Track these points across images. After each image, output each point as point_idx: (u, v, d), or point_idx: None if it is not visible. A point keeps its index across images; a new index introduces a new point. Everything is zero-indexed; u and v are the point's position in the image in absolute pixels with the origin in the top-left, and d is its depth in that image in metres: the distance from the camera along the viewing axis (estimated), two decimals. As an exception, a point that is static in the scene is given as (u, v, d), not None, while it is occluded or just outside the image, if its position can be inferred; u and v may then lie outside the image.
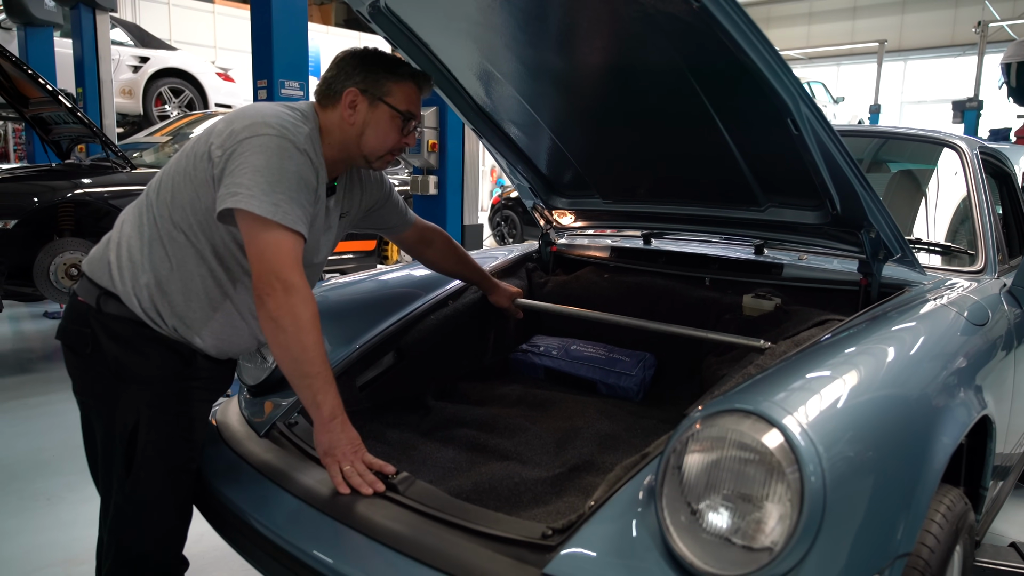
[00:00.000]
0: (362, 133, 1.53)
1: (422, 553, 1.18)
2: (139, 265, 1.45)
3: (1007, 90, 9.16)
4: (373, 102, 1.53)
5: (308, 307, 1.37)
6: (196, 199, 1.43)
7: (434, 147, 4.18)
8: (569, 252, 2.56)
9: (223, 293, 1.49)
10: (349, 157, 1.57)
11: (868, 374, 1.24)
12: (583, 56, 1.72)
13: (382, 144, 1.56)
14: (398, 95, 1.55)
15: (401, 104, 1.55)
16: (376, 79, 1.53)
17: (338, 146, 1.54)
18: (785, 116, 1.43)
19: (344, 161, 1.59)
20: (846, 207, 1.68)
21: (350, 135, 1.54)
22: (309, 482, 1.41)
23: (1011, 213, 2.73)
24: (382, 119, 1.54)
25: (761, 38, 1.31)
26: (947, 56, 17.66)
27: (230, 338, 1.53)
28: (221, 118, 1.50)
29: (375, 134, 1.54)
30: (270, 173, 1.36)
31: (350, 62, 1.55)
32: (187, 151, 1.49)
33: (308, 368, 1.36)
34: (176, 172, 1.47)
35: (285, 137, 1.40)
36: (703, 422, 1.05)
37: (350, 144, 1.54)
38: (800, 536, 0.95)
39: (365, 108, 1.53)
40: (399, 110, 1.55)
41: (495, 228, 9.96)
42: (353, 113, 1.52)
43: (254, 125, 1.40)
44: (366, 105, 1.53)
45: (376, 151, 1.57)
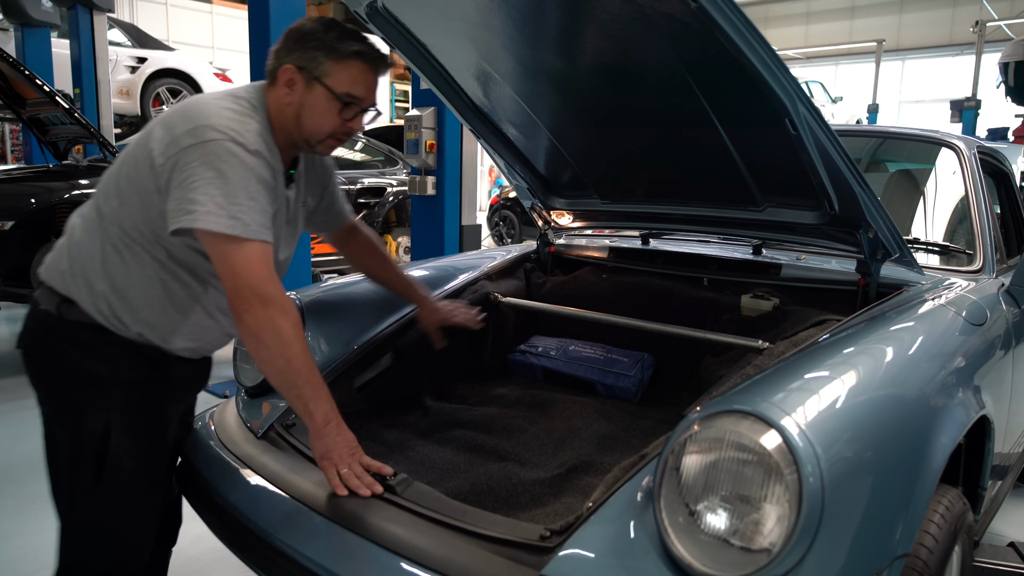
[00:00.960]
0: (298, 115, 1.41)
1: (420, 555, 1.17)
2: (93, 272, 1.39)
3: (1005, 89, 9.16)
4: (309, 82, 1.39)
5: (288, 318, 1.32)
6: (145, 208, 1.35)
7: (432, 147, 4.17)
8: (567, 252, 2.56)
9: (191, 296, 1.43)
10: (292, 138, 1.45)
11: (866, 374, 1.23)
12: (581, 56, 1.72)
13: (319, 128, 1.43)
14: (338, 76, 1.39)
15: (340, 86, 1.40)
16: (314, 57, 1.39)
17: (281, 127, 1.43)
18: (783, 116, 1.43)
19: (294, 146, 1.48)
20: (844, 207, 1.68)
21: (287, 116, 1.42)
22: (307, 484, 1.40)
23: (1009, 212, 2.73)
24: (318, 101, 1.40)
25: (759, 38, 1.31)
26: (945, 56, 17.68)
27: (203, 338, 1.49)
28: (159, 119, 1.38)
29: (311, 117, 1.41)
30: (223, 184, 1.27)
31: (293, 36, 1.42)
32: (128, 156, 1.39)
33: (296, 379, 1.33)
34: (120, 178, 1.39)
35: (234, 140, 1.30)
36: (701, 423, 1.05)
37: (289, 127, 1.43)
38: (798, 537, 0.95)
39: (301, 88, 1.40)
40: (335, 93, 1.40)
41: (493, 228, 9.96)
42: (290, 93, 1.40)
43: (197, 130, 1.29)
44: (302, 85, 1.40)
45: (315, 135, 1.44)
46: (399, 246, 6.54)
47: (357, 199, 6.20)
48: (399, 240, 6.54)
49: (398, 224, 6.64)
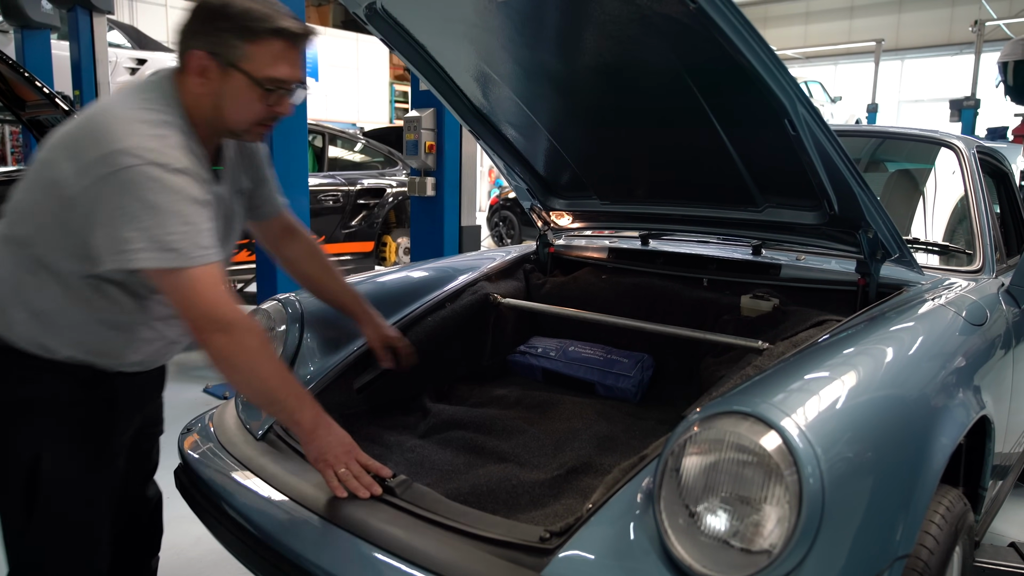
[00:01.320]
0: (217, 106, 1.26)
1: (419, 557, 1.17)
2: (7, 300, 1.28)
3: (1004, 88, 9.15)
4: (225, 68, 1.23)
5: (254, 336, 1.25)
6: (66, 237, 1.22)
7: (431, 148, 4.17)
8: (567, 253, 2.56)
9: (124, 312, 1.31)
10: (215, 129, 1.31)
11: (866, 375, 1.23)
12: (580, 57, 1.72)
13: (243, 118, 1.29)
14: (257, 59, 1.23)
15: (260, 70, 1.24)
16: (226, 40, 1.22)
17: (202, 123, 1.28)
18: (782, 117, 1.43)
19: (216, 135, 1.34)
20: (844, 207, 1.68)
21: (205, 107, 1.26)
22: (306, 486, 1.40)
23: (1009, 212, 2.73)
24: (238, 90, 1.24)
25: (758, 39, 1.31)
26: (944, 55, 17.67)
27: (145, 350, 1.38)
28: (59, 137, 1.24)
29: (232, 107, 1.26)
30: (151, 215, 1.14)
31: (200, 15, 1.24)
32: (34, 181, 1.26)
33: (275, 394, 1.29)
34: (32, 203, 1.26)
35: (154, 163, 1.15)
36: (701, 424, 1.05)
37: (209, 118, 1.28)
38: (799, 538, 0.95)
39: (217, 76, 1.24)
40: (256, 79, 1.24)
41: (493, 229, 9.96)
42: (205, 82, 1.24)
43: (110, 156, 1.14)
44: (217, 72, 1.24)
45: (239, 125, 1.31)
46: (399, 247, 6.54)
47: (357, 200, 6.20)
48: (399, 241, 6.55)
49: (398, 225, 6.64)
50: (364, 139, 7.04)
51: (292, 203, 3.73)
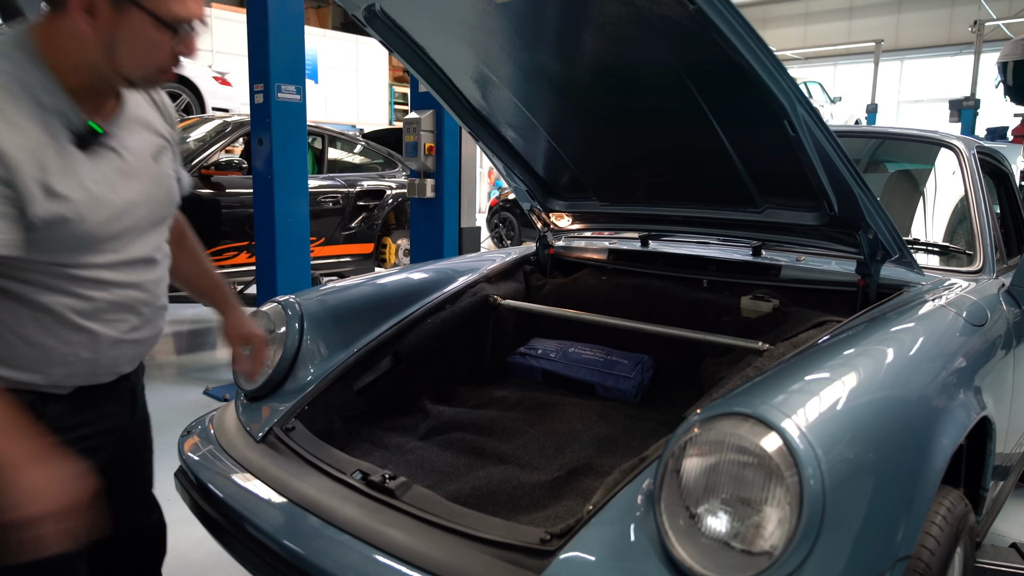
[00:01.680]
0: (110, 48, 1.06)
1: (419, 559, 1.17)
2: None
3: (1004, 89, 9.16)
4: (119, 6, 1.03)
5: None
6: None
7: (431, 150, 4.17)
8: (567, 254, 2.56)
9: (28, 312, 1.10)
10: (102, 81, 1.10)
11: (867, 376, 1.23)
12: (579, 59, 1.72)
13: (144, 63, 1.09)
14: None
15: (164, 7, 1.05)
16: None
17: (82, 70, 1.07)
18: (782, 118, 1.43)
19: (102, 87, 1.12)
20: (844, 208, 1.68)
21: (91, 50, 1.05)
22: (306, 488, 1.40)
23: (1009, 212, 2.73)
24: (139, 31, 1.05)
25: (757, 40, 1.31)
26: (944, 55, 17.68)
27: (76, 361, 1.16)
28: None
29: (130, 51, 1.07)
30: None
31: None
32: None
33: None
34: None
35: None
36: (701, 426, 1.05)
37: (96, 63, 1.07)
38: (799, 540, 0.94)
39: (108, 16, 1.03)
40: (163, 19, 1.05)
41: (493, 230, 9.96)
42: (93, 21, 1.03)
43: None
44: (109, 11, 1.03)
45: (138, 71, 1.10)
46: (399, 249, 6.54)
47: (356, 202, 6.20)
48: (399, 243, 6.55)
49: (397, 227, 6.64)
50: (364, 141, 7.05)
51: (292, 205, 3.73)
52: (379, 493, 1.34)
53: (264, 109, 3.72)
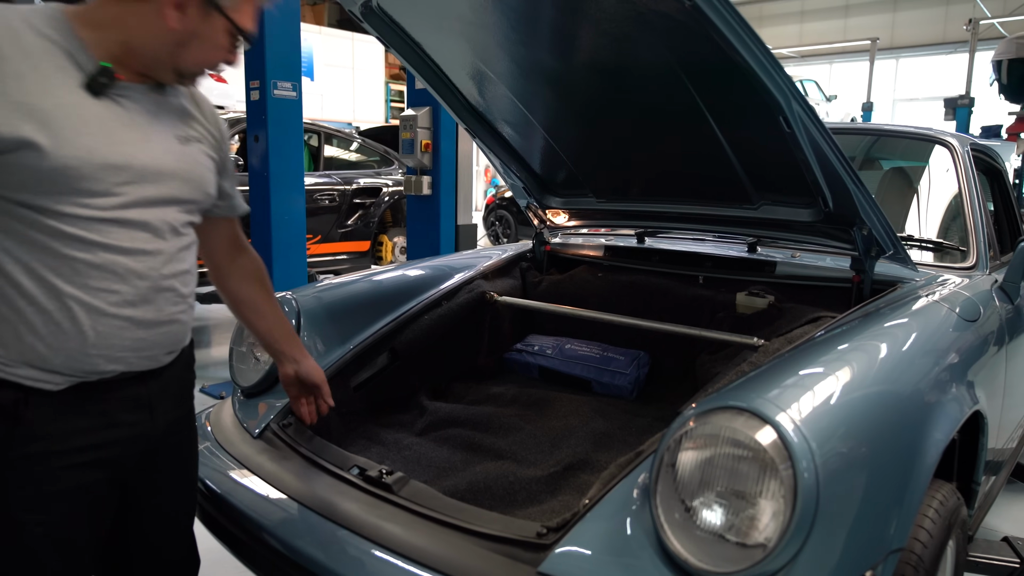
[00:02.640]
0: (184, 43, 1.14)
1: (417, 553, 1.18)
2: None
3: (998, 87, 9.19)
4: (209, 10, 1.14)
5: None
6: None
7: (428, 147, 4.17)
8: (563, 251, 2.57)
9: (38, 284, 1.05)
10: (152, 64, 1.16)
11: (861, 371, 1.24)
12: (576, 55, 1.73)
13: (205, 61, 1.19)
14: (242, 10, 1.18)
15: (244, 20, 1.19)
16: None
17: (137, 48, 1.12)
18: (777, 114, 1.43)
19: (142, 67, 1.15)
20: (838, 204, 1.69)
21: (165, 41, 1.13)
22: (303, 483, 1.41)
23: (1002, 209, 2.74)
24: (216, 33, 1.17)
25: (753, 37, 1.31)
26: (939, 54, 17.72)
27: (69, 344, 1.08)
28: None
29: (201, 50, 1.17)
30: None
31: None
32: None
33: None
34: None
35: None
36: (697, 419, 1.06)
37: (159, 51, 1.13)
38: (794, 532, 0.95)
39: (197, 15, 1.13)
40: (240, 28, 1.18)
41: (489, 228, 9.96)
42: (181, 17, 1.12)
43: None
44: (199, 11, 1.13)
45: (196, 67, 1.20)
46: (395, 246, 6.54)
47: (353, 199, 6.20)
48: (395, 240, 6.55)
49: (394, 224, 6.64)
50: (360, 138, 7.04)
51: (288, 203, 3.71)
52: (376, 488, 1.35)
53: (260, 106, 3.71)
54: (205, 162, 1.26)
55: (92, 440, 1.12)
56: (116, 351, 1.12)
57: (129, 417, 1.17)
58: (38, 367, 1.07)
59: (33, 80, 1.02)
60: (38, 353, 1.06)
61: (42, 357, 1.07)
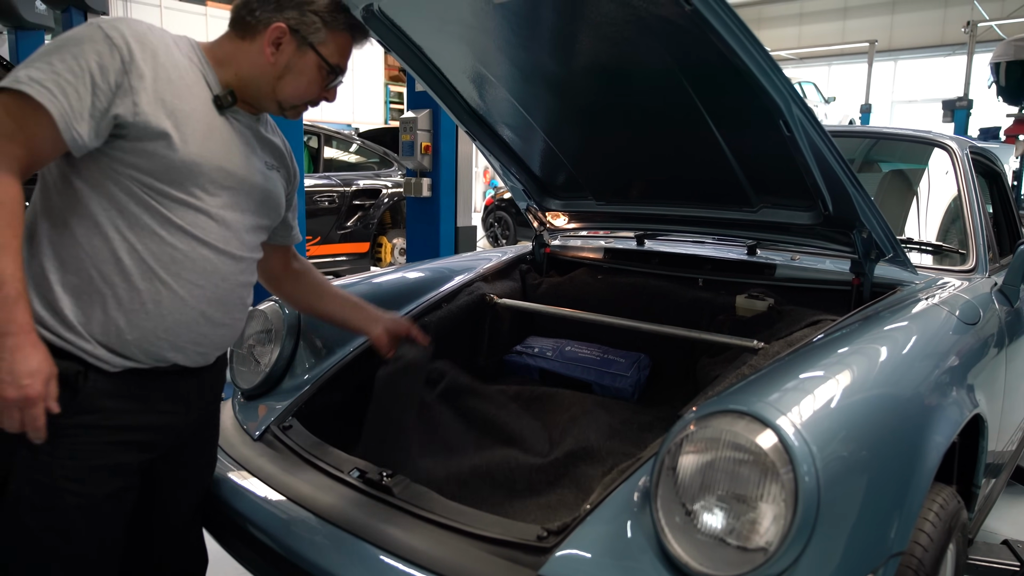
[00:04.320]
0: (281, 77, 1.31)
1: (417, 556, 1.18)
2: None
3: (996, 89, 9.21)
4: (302, 46, 1.30)
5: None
6: None
7: (427, 149, 4.17)
8: (563, 254, 2.57)
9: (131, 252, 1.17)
10: (258, 96, 1.33)
11: (861, 374, 1.24)
12: (576, 58, 1.73)
13: (301, 94, 1.35)
14: (331, 45, 1.33)
15: (333, 56, 1.34)
16: (312, 22, 1.30)
17: (247, 80, 1.29)
18: (777, 118, 1.44)
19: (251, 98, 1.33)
20: (838, 207, 1.69)
21: (266, 75, 1.30)
22: (304, 486, 1.41)
23: (1001, 212, 2.75)
24: (308, 67, 1.32)
25: (753, 40, 1.31)
26: (937, 56, 17.76)
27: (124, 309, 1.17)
28: None
29: (296, 82, 1.32)
30: None
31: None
32: None
33: None
34: None
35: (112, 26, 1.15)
36: (697, 423, 1.06)
37: (262, 84, 1.30)
38: (794, 536, 0.95)
39: (291, 51, 1.29)
40: (329, 63, 1.33)
41: (488, 229, 9.96)
42: (276, 52, 1.29)
43: None
44: (293, 47, 1.29)
45: (293, 100, 1.35)
46: (394, 248, 6.54)
47: (352, 201, 6.21)
48: (394, 242, 6.55)
49: (393, 226, 6.65)
50: (359, 140, 7.05)
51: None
52: (377, 491, 1.35)
53: (260, 108, 3.71)
54: (280, 191, 1.43)
55: (134, 422, 1.22)
56: (181, 341, 1.23)
57: (168, 407, 1.28)
58: (106, 344, 1.16)
59: (178, 87, 1.19)
60: (117, 328, 1.16)
61: (118, 332, 1.16)
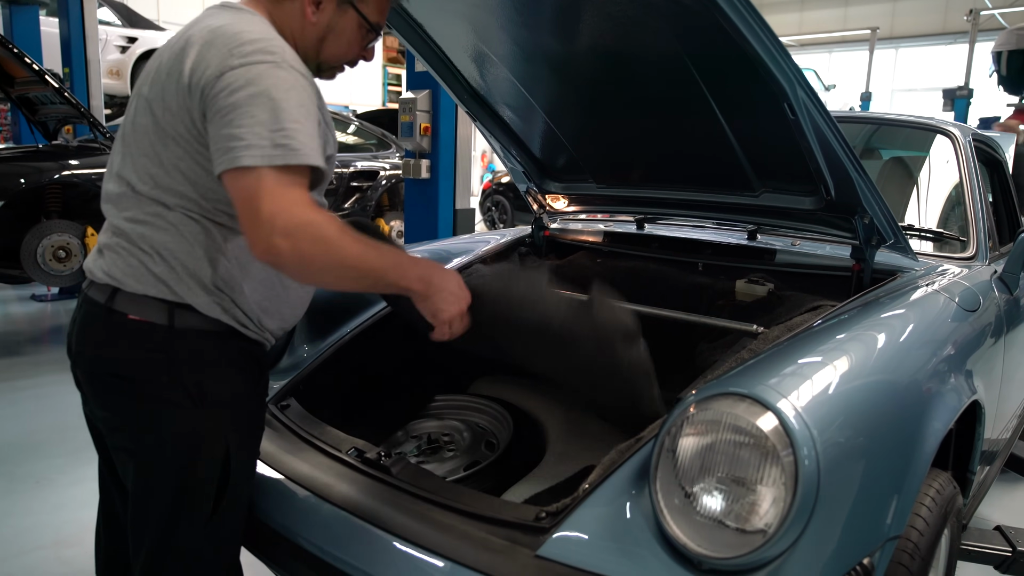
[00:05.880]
0: (323, 38, 1.30)
1: (415, 536, 1.18)
2: (206, 270, 1.19)
3: (997, 78, 9.16)
4: (342, 5, 1.29)
5: None
6: None
7: (427, 130, 4.15)
8: (562, 237, 2.55)
9: None
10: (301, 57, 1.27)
11: (861, 359, 1.24)
12: (579, 39, 1.71)
13: (342, 54, 1.34)
14: (372, 4, 1.32)
15: (373, 14, 1.33)
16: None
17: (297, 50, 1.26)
18: (782, 100, 1.42)
19: None
20: (840, 192, 1.68)
21: (308, 36, 1.29)
22: (301, 465, 1.41)
23: (1001, 200, 2.74)
24: (349, 26, 1.31)
25: (760, 21, 1.30)
26: (938, 44, 17.68)
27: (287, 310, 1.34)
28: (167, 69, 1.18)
29: (337, 42, 1.31)
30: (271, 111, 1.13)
31: None
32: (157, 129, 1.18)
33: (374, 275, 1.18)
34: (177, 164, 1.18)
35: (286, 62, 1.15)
36: (698, 405, 1.06)
37: (306, 45, 1.29)
38: (793, 519, 0.96)
39: (332, 10, 1.28)
40: (370, 21, 1.32)
41: (485, 213, 9.93)
42: (316, 12, 1.27)
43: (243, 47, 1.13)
44: (333, 6, 1.28)
45: (334, 60, 1.34)
46: (392, 230, 6.51)
47: (350, 182, 6.17)
48: (392, 224, 6.52)
49: (391, 208, 6.61)
50: (357, 121, 7.00)
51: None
52: (374, 470, 1.35)
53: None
54: None
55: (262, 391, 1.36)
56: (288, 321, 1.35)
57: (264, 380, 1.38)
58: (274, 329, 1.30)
59: None
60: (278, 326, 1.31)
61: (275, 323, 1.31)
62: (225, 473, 1.23)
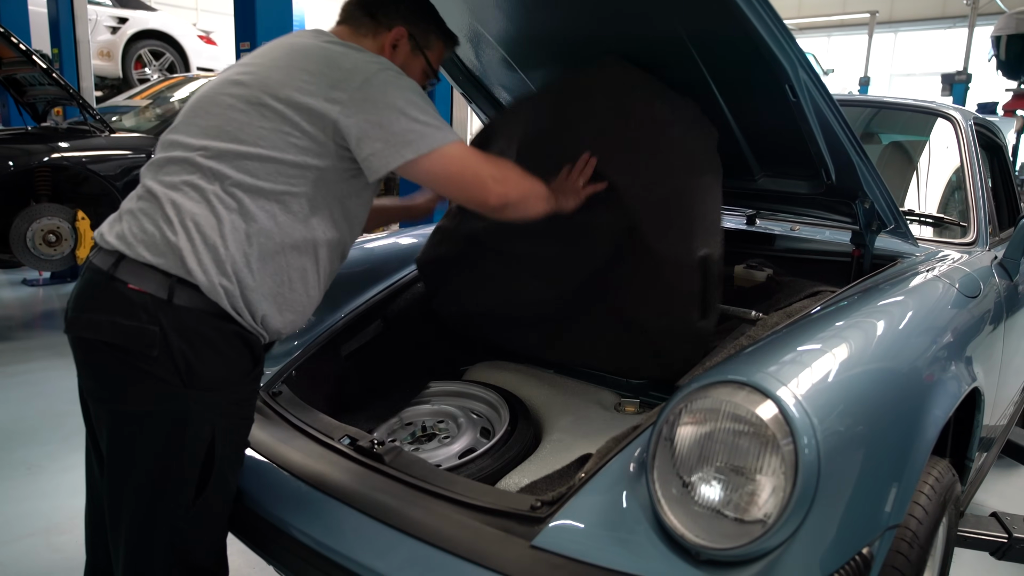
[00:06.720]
0: None
1: (409, 525, 1.16)
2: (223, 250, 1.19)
3: (996, 63, 9.13)
4: (415, 50, 1.43)
5: None
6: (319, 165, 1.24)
7: (421, 113, 4.11)
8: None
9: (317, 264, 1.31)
10: None
11: (861, 346, 1.22)
12: (577, 20, 1.67)
13: None
14: (436, 52, 1.48)
15: (436, 63, 1.48)
16: (426, 28, 1.44)
17: None
18: (783, 82, 1.39)
19: None
20: (841, 177, 1.66)
21: None
22: (293, 453, 1.39)
23: (1001, 186, 2.72)
24: (415, 70, 1.43)
25: (762, 1, 1.27)
26: (937, 28, 17.58)
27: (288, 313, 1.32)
28: None
29: None
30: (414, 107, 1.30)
31: (412, 3, 1.43)
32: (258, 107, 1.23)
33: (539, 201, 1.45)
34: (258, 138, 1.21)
35: None
36: (696, 393, 1.04)
37: None
38: (793, 509, 0.94)
39: (406, 53, 1.41)
40: (433, 68, 1.47)
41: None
42: (393, 53, 1.39)
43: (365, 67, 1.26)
44: (407, 50, 1.41)
45: None
46: (387, 214, 6.48)
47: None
48: (387, 208, 6.48)
49: (386, 192, 6.55)
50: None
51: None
52: (367, 458, 1.33)
53: (250, 68, 3.63)
54: None
55: None
56: (286, 327, 1.33)
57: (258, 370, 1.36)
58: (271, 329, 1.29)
59: None
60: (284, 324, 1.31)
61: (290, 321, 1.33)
62: (210, 458, 1.22)
